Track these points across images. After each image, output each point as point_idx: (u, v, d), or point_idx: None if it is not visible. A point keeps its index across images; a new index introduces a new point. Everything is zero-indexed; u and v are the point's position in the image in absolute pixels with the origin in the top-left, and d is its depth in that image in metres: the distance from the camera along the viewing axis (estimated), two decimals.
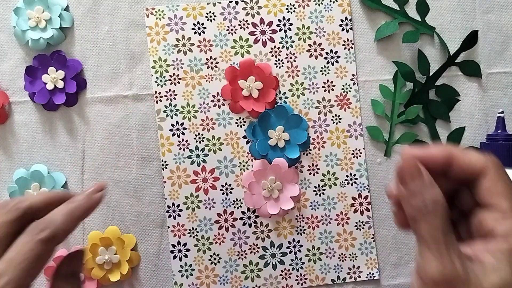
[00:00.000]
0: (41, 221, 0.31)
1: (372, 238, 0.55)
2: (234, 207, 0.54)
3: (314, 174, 0.54)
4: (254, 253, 0.54)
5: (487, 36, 0.55)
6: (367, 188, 0.55)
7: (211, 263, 0.54)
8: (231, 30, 0.54)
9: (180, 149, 0.54)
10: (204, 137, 0.54)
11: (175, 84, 0.54)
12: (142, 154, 0.54)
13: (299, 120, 0.54)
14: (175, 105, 0.54)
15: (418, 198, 0.33)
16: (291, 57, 0.54)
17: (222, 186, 0.54)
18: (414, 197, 0.33)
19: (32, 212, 0.31)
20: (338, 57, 0.54)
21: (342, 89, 0.55)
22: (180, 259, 0.54)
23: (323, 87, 0.55)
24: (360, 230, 0.55)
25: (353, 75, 0.55)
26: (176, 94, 0.54)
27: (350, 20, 0.54)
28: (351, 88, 0.55)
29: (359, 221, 0.55)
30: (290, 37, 0.54)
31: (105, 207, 0.54)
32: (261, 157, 0.54)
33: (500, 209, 0.34)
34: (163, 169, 0.54)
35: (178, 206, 0.54)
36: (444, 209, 0.33)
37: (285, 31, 0.54)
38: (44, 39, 0.53)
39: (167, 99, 0.54)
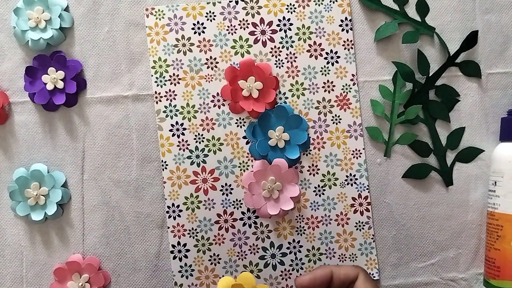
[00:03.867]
0: None
1: (372, 238, 0.53)
2: (234, 207, 0.53)
3: (314, 175, 0.53)
4: (254, 254, 0.53)
5: (487, 37, 0.54)
6: (367, 189, 0.53)
7: (211, 263, 0.52)
8: (231, 30, 0.52)
9: (180, 149, 0.52)
10: (204, 138, 0.52)
11: (175, 85, 0.52)
12: (142, 155, 0.53)
13: (299, 120, 0.52)
14: (175, 106, 0.52)
15: None
16: (291, 57, 0.53)
17: (222, 186, 0.53)
18: None
19: None
20: (338, 57, 0.53)
21: (342, 89, 0.53)
22: (180, 259, 0.52)
23: (323, 87, 0.53)
24: (360, 230, 0.53)
25: (353, 75, 0.53)
26: (176, 95, 0.52)
27: (350, 20, 0.53)
28: (351, 88, 0.53)
29: (359, 221, 0.53)
30: (290, 37, 0.53)
31: (105, 207, 0.53)
32: (261, 157, 0.53)
33: None
34: (163, 170, 0.52)
35: (178, 206, 0.52)
36: None
37: (285, 31, 0.53)
38: (44, 39, 0.51)
39: (167, 99, 0.52)
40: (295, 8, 0.53)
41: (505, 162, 0.49)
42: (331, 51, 0.53)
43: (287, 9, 0.52)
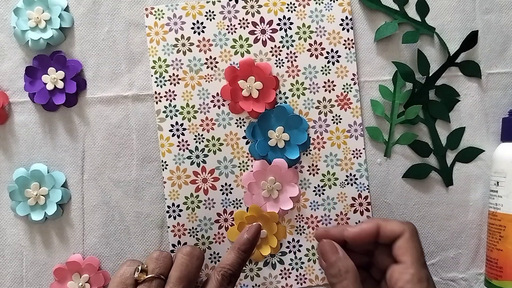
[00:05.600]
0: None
1: None
2: (234, 207, 0.51)
3: (314, 175, 0.51)
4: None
5: (487, 37, 0.52)
6: (367, 189, 0.51)
7: (211, 261, 0.51)
8: (231, 29, 0.50)
9: (180, 149, 0.51)
10: (204, 138, 0.51)
11: (175, 85, 0.50)
12: (142, 155, 0.51)
13: (299, 120, 0.50)
14: (174, 106, 0.50)
15: (334, 268, 0.42)
16: (291, 57, 0.51)
17: (222, 186, 0.51)
18: (332, 267, 0.42)
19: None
20: (339, 56, 0.51)
21: (343, 89, 0.51)
22: None
23: (323, 87, 0.51)
24: None
25: (353, 74, 0.51)
26: (175, 95, 0.50)
27: (351, 19, 0.51)
28: (351, 87, 0.51)
29: (359, 221, 0.51)
30: (291, 36, 0.51)
31: (105, 207, 0.51)
32: (261, 157, 0.51)
33: (405, 264, 0.41)
34: (163, 170, 0.50)
35: (178, 206, 0.51)
36: (353, 275, 0.41)
37: (285, 30, 0.51)
38: (44, 39, 0.50)
39: (167, 99, 0.50)
40: (295, 7, 0.51)
41: (507, 163, 0.48)
42: (332, 50, 0.51)
43: (287, 8, 0.51)
